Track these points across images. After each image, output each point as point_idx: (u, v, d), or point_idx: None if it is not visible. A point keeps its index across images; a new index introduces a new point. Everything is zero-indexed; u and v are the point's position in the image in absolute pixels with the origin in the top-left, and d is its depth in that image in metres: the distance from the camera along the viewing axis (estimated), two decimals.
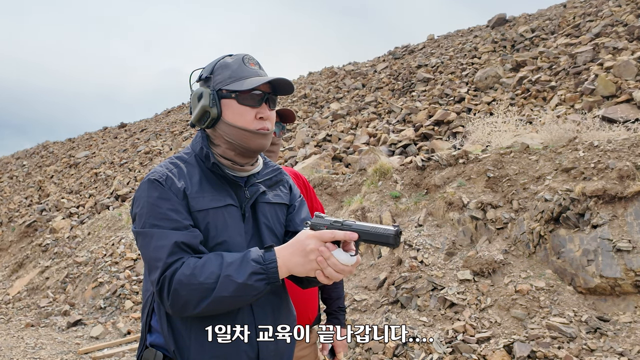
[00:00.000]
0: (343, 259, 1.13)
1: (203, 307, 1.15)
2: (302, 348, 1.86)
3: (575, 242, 4.22)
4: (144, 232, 1.22)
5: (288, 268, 1.17)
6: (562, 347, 3.55)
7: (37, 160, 20.84)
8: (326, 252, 1.13)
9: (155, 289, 1.17)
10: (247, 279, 1.14)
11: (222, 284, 1.13)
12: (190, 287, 1.14)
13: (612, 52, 9.69)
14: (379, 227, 1.14)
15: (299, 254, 1.15)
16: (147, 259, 1.22)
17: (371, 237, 1.14)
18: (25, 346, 5.82)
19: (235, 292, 1.14)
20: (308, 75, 21.81)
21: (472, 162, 5.62)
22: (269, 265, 1.16)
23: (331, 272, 1.13)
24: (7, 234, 12.27)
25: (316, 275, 1.16)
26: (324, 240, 1.14)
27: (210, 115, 1.29)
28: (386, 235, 1.12)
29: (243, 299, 1.16)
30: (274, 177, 1.44)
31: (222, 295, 1.13)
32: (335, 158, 9.80)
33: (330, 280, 1.16)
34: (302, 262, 1.15)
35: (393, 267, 4.98)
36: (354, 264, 1.15)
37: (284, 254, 1.17)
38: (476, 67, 13.13)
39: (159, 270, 1.17)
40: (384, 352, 3.97)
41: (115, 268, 7.82)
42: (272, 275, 1.15)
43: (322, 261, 1.13)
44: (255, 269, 1.15)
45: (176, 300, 1.15)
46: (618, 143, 4.75)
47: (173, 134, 18.59)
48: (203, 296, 1.14)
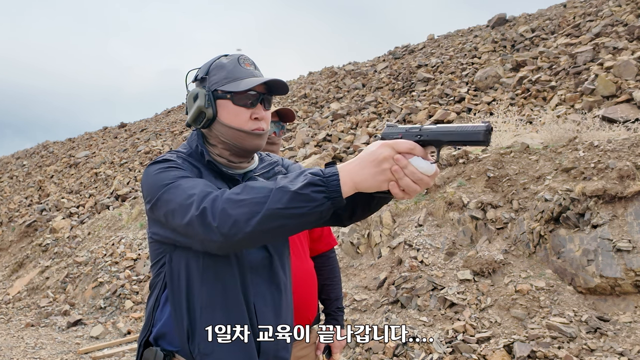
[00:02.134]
0: (423, 167, 1.00)
1: (255, 224, 1.03)
2: (302, 348, 1.86)
3: (575, 242, 4.22)
4: (169, 185, 1.17)
5: (355, 182, 1.03)
6: (562, 347, 3.55)
7: (37, 160, 20.84)
8: (403, 160, 1.00)
9: (197, 219, 1.08)
10: (303, 188, 1.02)
11: (274, 195, 1.03)
12: (239, 204, 1.05)
13: (612, 52, 9.68)
14: (465, 125, 1.00)
15: (369, 164, 1.02)
16: (177, 203, 1.14)
17: (457, 137, 1.00)
18: (25, 346, 5.82)
19: (289, 202, 1.01)
20: (308, 75, 21.82)
21: (472, 162, 5.61)
22: (329, 177, 1.03)
23: (408, 183, 1.01)
24: (7, 234, 12.27)
25: (390, 189, 1.03)
26: (399, 150, 1.02)
27: (205, 116, 1.30)
28: (476, 132, 0.97)
29: (299, 212, 1.02)
30: (271, 170, 1.44)
31: (275, 207, 1.02)
32: (335, 158, 9.80)
33: (406, 195, 1.03)
34: (374, 173, 1.02)
35: (393, 267, 4.98)
36: (434, 174, 1.03)
37: (350, 167, 1.04)
38: (476, 67, 13.13)
39: (196, 200, 1.10)
40: (384, 352, 3.97)
41: (115, 268, 7.81)
42: (332, 188, 1.02)
43: (398, 170, 1.01)
44: (313, 180, 1.03)
45: (224, 220, 1.05)
46: (618, 143, 4.75)
47: (173, 133, 18.59)
48: (254, 211, 1.03)
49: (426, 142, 1.05)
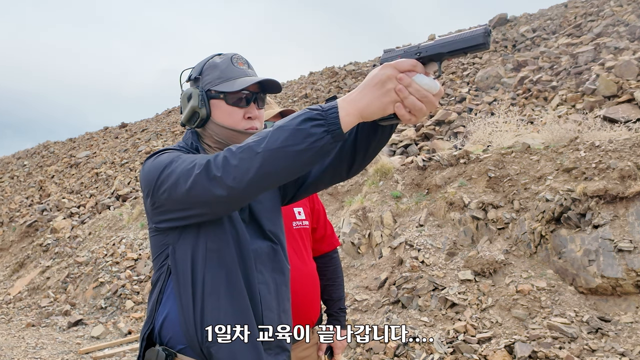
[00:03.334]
0: (427, 83, 0.98)
1: (257, 167, 1.01)
2: (304, 349, 1.86)
3: (576, 242, 4.21)
4: (169, 162, 1.16)
5: (359, 109, 1.00)
6: (563, 347, 3.54)
7: (38, 160, 20.86)
8: (406, 79, 0.98)
9: (201, 176, 1.07)
10: (301, 124, 0.99)
11: (272, 135, 1.01)
12: (239, 151, 1.04)
13: (614, 52, 9.68)
14: (463, 32, 0.97)
15: (372, 88, 0.99)
16: (178, 173, 1.12)
17: (457, 45, 0.96)
18: (26, 346, 5.82)
19: (288, 140, 0.99)
20: (309, 75, 21.81)
21: (473, 162, 5.61)
22: (327, 110, 1.00)
23: (414, 102, 0.98)
24: (8, 234, 12.28)
25: (396, 110, 1.00)
26: (401, 70, 0.99)
27: (199, 116, 1.30)
28: (475, 36, 0.94)
29: (299, 148, 0.99)
30: None
31: (274, 147, 1.00)
32: None
33: (412, 116, 1.00)
34: (378, 95, 0.99)
35: (394, 267, 4.97)
36: (438, 92, 1.00)
37: (352, 96, 1.01)
38: (477, 67, 13.13)
39: (197, 162, 1.09)
40: (384, 352, 3.97)
41: (116, 268, 7.82)
42: (331, 121, 0.99)
43: (402, 89, 0.98)
44: (311, 115, 1.00)
45: (227, 169, 1.04)
46: (619, 143, 4.74)
47: (174, 134, 18.60)
48: (253, 153, 1.02)
49: (427, 59, 1.02)
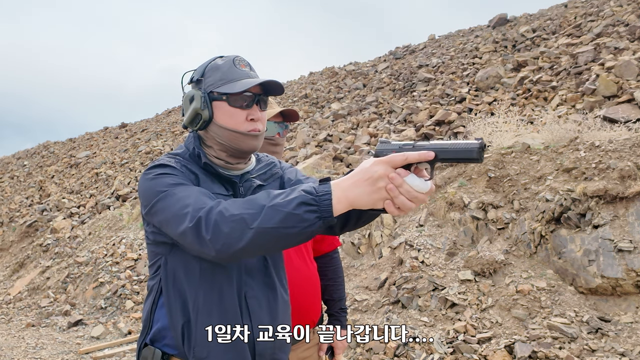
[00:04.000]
0: (417, 185, 1.00)
1: (247, 241, 1.04)
2: (305, 349, 1.86)
3: (576, 242, 4.21)
4: (164, 193, 1.17)
5: (350, 200, 1.03)
6: (563, 348, 3.54)
7: (37, 160, 20.86)
8: (398, 179, 1.00)
9: (191, 231, 1.09)
10: (295, 208, 1.02)
11: (266, 214, 1.04)
12: (232, 219, 1.05)
13: (614, 52, 9.67)
14: (459, 142, 1.00)
15: (364, 182, 1.03)
16: (171, 215, 1.14)
17: (451, 154, 1.00)
18: (26, 346, 5.82)
19: (281, 222, 1.02)
20: (309, 75, 21.82)
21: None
22: (322, 196, 1.03)
23: (403, 201, 1.01)
24: (8, 234, 12.28)
25: (385, 207, 1.03)
26: (394, 166, 1.01)
27: (202, 118, 1.30)
28: (469, 149, 0.97)
29: (290, 232, 1.03)
30: (268, 171, 1.44)
31: (267, 226, 1.03)
32: (336, 158, 9.80)
33: (401, 211, 1.04)
34: (369, 192, 1.02)
35: (394, 267, 4.97)
36: (429, 191, 1.03)
37: (344, 184, 1.04)
38: (477, 67, 13.12)
39: (190, 212, 1.10)
40: (384, 352, 3.97)
41: (116, 268, 7.82)
42: (324, 208, 1.02)
43: (393, 189, 1.01)
44: (306, 199, 1.03)
45: (217, 234, 1.06)
46: (619, 143, 4.74)
47: (174, 134, 18.60)
48: (246, 227, 1.04)
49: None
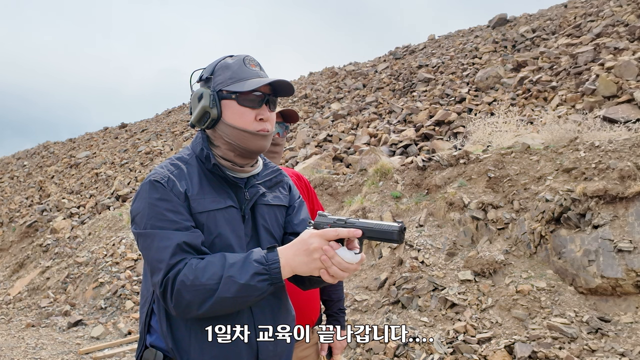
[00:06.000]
0: (348, 257, 1.13)
1: (206, 309, 1.15)
2: (304, 349, 1.86)
3: (576, 242, 4.21)
4: (145, 233, 1.21)
5: (292, 267, 1.16)
6: (563, 348, 3.54)
7: (37, 161, 20.86)
8: (330, 251, 1.12)
9: (159, 290, 1.17)
10: (250, 279, 1.14)
11: (224, 285, 1.13)
12: (193, 289, 1.14)
13: (613, 52, 9.68)
14: (382, 223, 1.13)
15: (302, 253, 1.15)
16: (149, 261, 1.21)
17: (375, 234, 1.13)
18: (26, 346, 5.82)
19: (238, 292, 1.14)
20: (309, 75, 21.83)
21: (473, 162, 5.61)
22: (271, 265, 1.15)
23: (336, 271, 1.13)
24: (7, 234, 12.28)
25: (320, 275, 1.15)
26: (327, 239, 1.13)
27: (210, 116, 1.29)
28: (390, 231, 1.12)
29: (246, 299, 1.16)
30: (274, 179, 1.43)
31: (225, 296, 1.13)
32: (336, 158, 9.80)
33: (335, 279, 1.15)
34: (306, 261, 1.14)
35: (394, 267, 4.97)
36: (359, 262, 1.14)
37: (287, 253, 1.17)
38: (477, 67, 13.13)
39: (162, 272, 1.17)
40: (384, 352, 3.97)
41: (115, 268, 7.82)
42: (274, 275, 1.15)
43: (327, 260, 1.12)
44: (258, 270, 1.14)
45: (179, 301, 1.15)
46: (619, 143, 4.75)
47: (174, 134, 18.60)
48: (206, 297, 1.14)
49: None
